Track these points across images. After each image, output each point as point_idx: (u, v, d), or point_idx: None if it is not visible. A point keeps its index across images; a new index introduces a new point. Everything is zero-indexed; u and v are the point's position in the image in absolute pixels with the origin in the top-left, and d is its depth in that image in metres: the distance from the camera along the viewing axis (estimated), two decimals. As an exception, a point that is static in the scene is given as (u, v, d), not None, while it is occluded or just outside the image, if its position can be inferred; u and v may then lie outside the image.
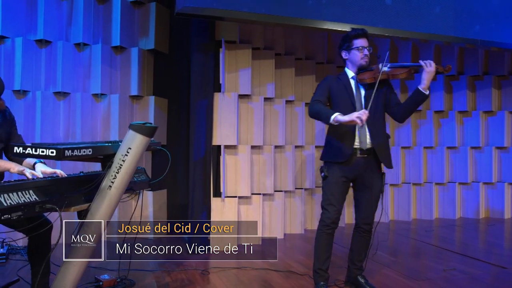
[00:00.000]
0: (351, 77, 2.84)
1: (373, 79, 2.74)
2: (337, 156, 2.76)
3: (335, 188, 2.76)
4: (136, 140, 2.23)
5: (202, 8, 3.63)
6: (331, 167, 2.78)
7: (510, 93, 5.97)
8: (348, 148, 2.74)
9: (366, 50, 2.78)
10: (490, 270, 3.50)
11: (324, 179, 2.81)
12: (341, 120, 2.55)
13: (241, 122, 4.39)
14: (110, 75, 4.43)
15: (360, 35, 2.79)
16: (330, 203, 2.76)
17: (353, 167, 2.76)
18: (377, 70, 2.75)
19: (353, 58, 2.81)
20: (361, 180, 2.82)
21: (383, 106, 2.84)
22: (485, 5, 4.72)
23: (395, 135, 5.83)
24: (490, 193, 5.99)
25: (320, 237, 2.82)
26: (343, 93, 2.79)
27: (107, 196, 2.25)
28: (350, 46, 2.80)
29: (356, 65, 2.81)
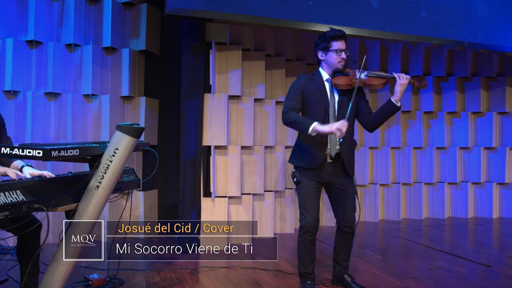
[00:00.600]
0: (326, 80, 2.82)
1: (349, 86, 2.75)
2: (309, 162, 2.77)
3: (309, 193, 2.79)
4: (123, 141, 2.26)
5: (192, 10, 3.66)
6: (303, 172, 2.80)
7: (498, 94, 6.05)
8: (320, 154, 2.76)
9: (343, 53, 2.76)
10: (475, 269, 3.56)
11: (297, 184, 2.83)
12: (321, 130, 2.55)
13: (231, 123, 4.43)
14: (101, 76, 4.45)
15: (339, 37, 2.75)
16: (307, 208, 2.79)
17: (324, 172, 2.79)
18: (353, 77, 2.74)
19: (330, 60, 2.78)
20: (334, 184, 2.85)
21: (354, 114, 2.85)
22: (472, 8, 4.79)
23: (384, 136, 5.89)
24: (478, 193, 6.06)
25: (301, 244, 2.85)
26: (317, 97, 2.78)
27: (94, 196, 2.28)
28: (327, 47, 2.76)
29: (332, 68, 2.79)
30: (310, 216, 2.79)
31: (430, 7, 4.54)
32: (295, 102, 2.76)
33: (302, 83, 2.82)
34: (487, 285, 3.17)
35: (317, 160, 2.76)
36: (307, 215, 2.80)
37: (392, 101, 2.71)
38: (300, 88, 2.80)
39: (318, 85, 2.81)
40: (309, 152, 2.79)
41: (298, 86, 2.81)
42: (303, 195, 2.82)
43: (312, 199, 2.81)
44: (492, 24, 4.92)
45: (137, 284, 3.12)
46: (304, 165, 2.80)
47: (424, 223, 5.57)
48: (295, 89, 2.81)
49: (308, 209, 2.80)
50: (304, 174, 2.80)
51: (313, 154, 2.77)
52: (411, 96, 5.95)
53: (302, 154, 2.83)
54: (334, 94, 2.82)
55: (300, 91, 2.79)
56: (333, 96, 2.82)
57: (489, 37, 4.92)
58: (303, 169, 2.81)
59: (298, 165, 2.84)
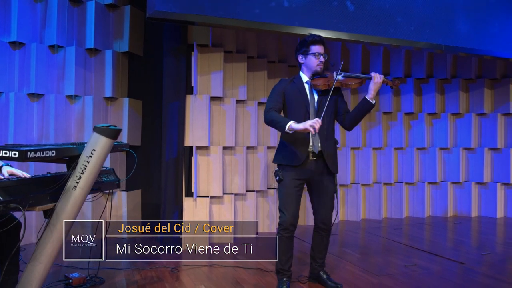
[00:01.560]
0: (306, 82, 2.95)
1: (327, 86, 2.86)
2: (292, 160, 2.86)
3: (290, 190, 2.87)
4: (100, 142, 2.32)
5: (173, 13, 3.71)
6: (286, 171, 2.88)
7: (477, 96, 6.20)
8: (302, 152, 2.85)
9: (322, 57, 2.89)
10: (449, 266, 3.66)
11: (279, 182, 2.91)
12: (296, 128, 2.66)
13: (213, 124, 4.49)
14: (84, 77, 4.49)
15: (318, 41, 2.89)
16: (287, 206, 2.87)
17: (306, 169, 2.88)
18: (331, 78, 2.87)
19: (309, 63, 2.91)
20: (315, 182, 2.94)
21: (333, 113, 2.96)
22: (451, 13, 4.91)
23: (366, 136, 6.00)
24: (458, 192, 6.20)
25: (280, 241, 2.93)
26: (298, 97, 2.89)
27: (72, 196, 2.34)
28: (307, 51, 2.90)
29: (311, 71, 2.92)
30: (288, 213, 2.88)
31: (408, 12, 4.65)
32: (276, 103, 2.87)
33: (283, 86, 2.93)
34: (458, 281, 3.28)
35: (300, 157, 2.85)
36: (286, 213, 2.88)
37: (366, 99, 2.84)
38: (281, 90, 2.91)
39: (299, 87, 2.93)
40: (292, 150, 2.88)
41: (280, 88, 2.92)
42: (284, 193, 2.90)
43: (293, 198, 2.89)
44: (472, 28, 5.05)
45: (117, 283, 3.17)
46: (287, 162, 2.88)
47: (405, 222, 5.69)
48: (276, 91, 2.92)
49: (287, 206, 2.88)
50: (287, 172, 2.88)
51: (296, 151, 2.86)
52: (392, 97, 6.07)
53: (285, 153, 2.91)
54: (314, 95, 2.94)
55: (281, 93, 2.91)
56: (313, 97, 2.93)
57: (468, 40, 5.05)
58: (286, 167, 2.89)
59: (281, 163, 2.92)
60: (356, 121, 2.98)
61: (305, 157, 2.85)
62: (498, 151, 6.13)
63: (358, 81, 2.93)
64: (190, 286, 3.11)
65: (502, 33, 5.21)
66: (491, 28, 5.14)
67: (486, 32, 5.13)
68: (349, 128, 3.03)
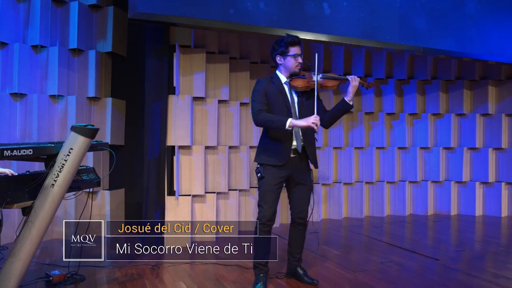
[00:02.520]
0: (284, 82, 3.01)
1: (306, 87, 2.96)
2: (276, 159, 2.93)
3: (271, 188, 2.95)
4: (78, 141, 2.37)
5: (155, 14, 3.76)
6: (267, 168, 2.95)
7: (457, 97, 6.33)
8: (286, 151, 2.93)
9: (299, 58, 2.97)
10: (423, 262, 3.77)
11: (260, 179, 2.99)
12: (298, 124, 2.75)
13: (195, 124, 4.56)
14: (67, 77, 4.52)
15: (295, 42, 2.96)
16: (266, 202, 2.95)
17: (288, 167, 2.96)
18: (310, 79, 2.96)
19: (288, 64, 2.97)
20: (294, 178, 3.03)
21: (313, 112, 3.02)
22: (429, 16, 5.03)
23: (348, 136, 6.10)
24: (438, 191, 6.34)
25: (257, 235, 3.01)
26: (279, 99, 2.96)
27: (50, 194, 2.39)
28: (285, 52, 2.95)
29: (289, 71, 2.99)
30: (267, 209, 2.95)
31: (388, 15, 4.76)
32: (262, 104, 2.91)
33: (264, 86, 2.98)
34: (430, 276, 3.38)
35: (284, 156, 2.92)
36: (265, 208, 2.96)
37: (345, 100, 2.97)
38: (263, 91, 2.96)
39: (279, 88, 2.99)
40: (275, 149, 2.94)
41: (261, 89, 2.96)
42: (263, 190, 2.97)
43: (272, 195, 2.96)
44: (450, 31, 5.18)
45: (97, 280, 3.22)
46: (271, 162, 2.94)
47: (386, 220, 5.79)
48: (259, 92, 2.96)
49: (266, 202, 2.96)
50: (268, 170, 2.95)
51: (281, 151, 2.93)
52: (374, 98, 6.18)
53: (269, 152, 2.97)
54: (293, 96, 3.02)
55: (264, 93, 2.95)
56: (293, 98, 3.01)
57: (447, 43, 5.18)
58: (268, 165, 2.96)
59: (265, 163, 2.97)
60: (334, 120, 3.10)
61: (288, 156, 2.93)
62: (476, 150, 6.28)
63: (335, 83, 3.03)
64: (170, 283, 3.17)
65: (479, 36, 5.35)
66: (468, 31, 5.27)
67: (464, 35, 5.26)
68: (327, 126, 3.15)
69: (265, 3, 4.10)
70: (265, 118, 2.85)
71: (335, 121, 3.10)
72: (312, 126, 2.73)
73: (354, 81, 2.95)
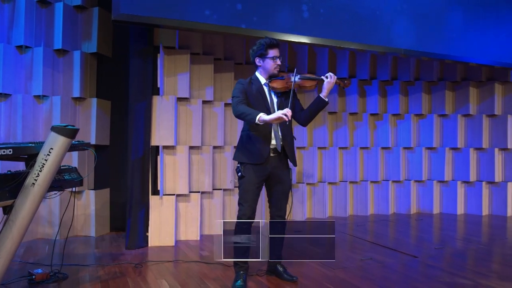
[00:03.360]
0: (264, 84, 3.10)
1: (285, 88, 3.05)
2: (255, 158, 3.00)
3: (251, 187, 3.01)
4: (58, 141, 2.41)
5: (138, 15, 3.80)
6: (248, 167, 3.02)
7: (439, 98, 6.46)
8: (265, 150, 3.00)
9: (278, 60, 3.06)
10: (402, 259, 3.86)
11: (240, 178, 3.05)
12: (267, 119, 2.74)
13: (180, 124, 4.61)
14: (52, 77, 4.54)
15: (274, 45, 3.04)
16: (246, 200, 3.02)
17: (268, 165, 3.04)
18: (288, 80, 3.05)
19: (267, 66, 3.06)
20: (274, 177, 3.10)
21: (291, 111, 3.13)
22: (411, 18, 5.13)
23: (333, 137, 6.20)
24: (420, 190, 6.46)
25: (237, 233, 3.07)
26: (259, 99, 3.04)
27: (30, 193, 2.42)
28: (264, 54, 3.04)
29: (268, 73, 3.08)
30: (247, 207, 3.02)
31: (372, 18, 4.86)
32: (242, 97, 2.97)
33: (245, 86, 3.05)
34: (407, 272, 3.47)
35: (263, 155, 3.00)
36: (245, 206, 3.03)
37: (321, 97, 3.05)
38: (243, 89, 3.02)
39: (258, 89, 3.07)
40: (255, 148, 3.01)
41: (242, 87, 3.03)
42: (244, 189, 3.04)
43: (252, 193, 3.03)
44: (434, 33, 5.29)
45: (80, 278, 3.25)
46: (251, 161, 3.01)
47: (370, 219, 5.89)
48: (239, 89, 3.02)
49: (246, 201, 3.02)
50: (248, 169, 3.02)
51: (259, 150, 3.00)
52: (358, 98, 6.28)
53: (248, 151, 3.04)
54: (273, 96, 3.09)
55: (244, 92, 3.01)
56: (272, 98, 3.09)
57: (431, 45, 5.29)
58: (248, 164, 3.02)
59: (244, 161, 3.04)
60: (311, 117, 3.17)
61: (267, 154, 3.00)
62: (458, 150, 6.41)
63: (313, 83, 3.12)
64: (152, 281, 3.22)
65: (460, 38, 5.46)
66: (449, 33, 5.39)
67: (446, 37, 5.38)
68: (305, 124, 3.23)
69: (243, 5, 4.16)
70: (241, 110, 2.87)
71: (312, 117, 3.17)
72: (281, 116, 2.70)
73: (330, 78, 3.04)
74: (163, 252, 4.08)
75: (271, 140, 3.04)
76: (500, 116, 6.29)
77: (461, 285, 3.13)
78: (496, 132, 6.30)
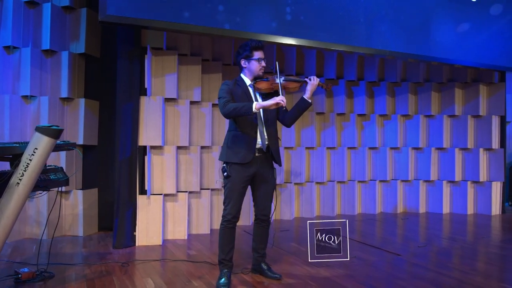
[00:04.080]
0: (249, 85, 3.15)
1: (270, 89, 3.11)
2: (241, 158, 3.04)
3: (236, 186, 3.06)
4: (42, 141, 2.45)
5: (125, 17, 3.82)
6: (233, 167, 3.07)
7: (425, 99, 6.55)
8: (251, 150, 3.05)
9: (263, 61, 3.12)
10: (386, 257, 3.93)
11: (226, 178, 3.10)
12: (264, 105, 2.84)
13: (167, 124, 4.64)
14: (40, 78, 4.56)
15: (259, 47, 3.11)
16: (231, 200, 3.06)
17: (253, 166, 3.09)
18: (273, 81, 3.10)
19: (252, 68, 3.12)
20: (259, 176, 3.15)
21: (275, 112, 3.20)
22: (400, 20, 5.22)
23: (321, 137, 6.26)
24: (407, 190, 6.55)
25: (222, 232, 3.12)
26: (244, 99, 3.08)
27: (15, 192, 2.46)
28: (249, 56, 3.10)
29: (253, 75, 3.14)
30: (232, 207, 3.07)
31: (359, 20, 4.93)
32: (229, 97, 3.02)
33: (230, 87, 3.10)
34: (389, 270, 3.54)
35: (249, 155, 3.04)
36: (230, 206, 3.07)
37: (304, 98, 3.13)
38: (229, 90, 3.07)
39: (244, 90, 3.12)
40: (241, 148, 3.05)
41: (227, 88, 3.08)
42: (229, 188, 3.08)
43: (238, 193, 3.08)
44: (419, 35, 5.38)
45: (66, 277, 3.28)
46: (236, 161, 3.05)
47: (357, 218, 5.97)
48: (225, 89, 3.07)
49: (231, 200, 3.07)
50: (234, 169, 3.06)
51: (245, 149, 3.04)
52: (346, 99, 6.36)
53: (234, 151, 3.07)
54: (258, 97, 3.15)
55: (230, 92, 3.06)
56: (257, 99, 3.14)
57: (417, 47, 5.37)
58: (234, 164, 3.07)
59: (230, 161, 3.08)
60: (295, 119, 3.25)
61: (253, 154, 3.05)
62: (444, 150, 6.51)
63: (297, 85, 3.18)
64: (137, 279, 3.25)
65: (446, 41, 5.56)
66: (435, 35, 5.48)
67: (432, 39, 5.46)
68: (289, 125, 3.30)
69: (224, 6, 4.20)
70: (232, 106, 2.92)
71: (296, 118, 3.24)
72: (279, 101, 2.82)
73: (312, 80, 3.13)
74: (151, 251, 4.12)
75: (257, 140, 3.09)
76: (485, 116, 6.40)
77: (443, 282, 3.20)
78: (480, 132, 6.41)
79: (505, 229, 5.33)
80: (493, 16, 5.91)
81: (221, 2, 4.17)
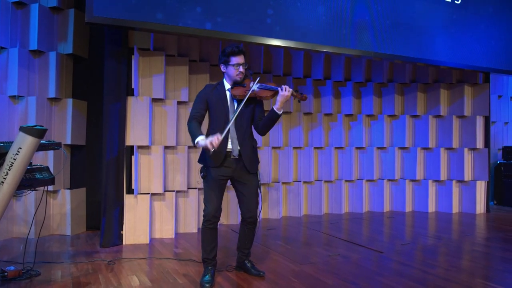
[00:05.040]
0: (227, 89, 3.19)
1: (244, 96, 3.11)
2: (212, 161, 3.11)
3: (213, 187, 3.13)
4: (26, 141, 2.49)
5: (112, 18, 3.86)
6: (209, 169, 3.14)
7: (411, 99, 6.65)
8: (220, 154, 3.09)
9: (241, 67, 3.12)
10: (369, 255, 4.01)
11: (203, 178, 3.17)
12: (202, 144, 2.86)
13: (155, 124, 4.69)
14: (28, 78, 4.58)
15: (237, 52, 3.10)
16: (210, 200, 3.13)
17: (228, 168, 3.14)
18: (248, 88, 3.12)
19: (229, 73, 3.15)
20: (238, 180, 3.21)
21: (250, 119, 3.21)
22: (384, 23, 5.30)
23: (308, 137, 6.34)
24: (393, 189, 6.64)
25: (203, 232, 3.18)
26: (219, 105, 3.14)
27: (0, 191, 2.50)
28: (227, 61, 3.13)
29: (232, 80, 3.17)
30: (211, 207, 3.13)
31: (348, 23, 5.01)
32: (198, 110, 3.11)
33: (207, 92, 3.17)
34: (371, 267, 3.61)
35: (218, 159, 3.10)
36: (209, 206, 3.14)
37: (274, 109, 3.09)
38: (204, 97, 3.15)
39: (220, 94, 3.17)
40: (212, 152, 3.10)
41: (203, 95, 3.16)
42: (207, 189, 3.16)
43: (215, 192, 3.14)
44: (405, 37, 5.46)
45: (52, 275, 3.32)
46: (209, 164, 3.14)
47: (344, 217, 6.04)
48: (200, 98, 3.16)
49: (210, 200, 3.13)
50: (209, 171, 3.14)
51: (215, 153, 3.04)
52: (333, 99, 6.43)
53: (205, 154, 3.15)
54: (234, 103, 3.19)
55: (204, 100, 3.15)
56: (233, 105, 3.18)
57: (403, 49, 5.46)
58: (208, 166, 3.14)
59: (204, 164, 3.18)
60: (267, 128, 3.21)
61: (223, 158, 3.11)
62: (429, 150, 6.61)
63: (270, 93, 3.14)
64: (123, 277, 3.30)
65: (432, 42, 5.65)
66: (421, 37, 5.57)
67: (418, 41, 5.56)
68: (262, 133, 3.26)
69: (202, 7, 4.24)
70: (189, 128, 3.03)
71: (268, 129, 3.21)
72: (208, 146, 2.79)
73: (284, 91, 3.06)
74: (137, 250, 4.16)
75: (227, 145, 3.12)
76: (470, 117, 6.51)
77: (427, 280, 3.27)
78: (465, 132, 6.52)
79: (489, 228, 5.43)
80: (477, 18, 6.02)
81: (207, 4, 4.23)
